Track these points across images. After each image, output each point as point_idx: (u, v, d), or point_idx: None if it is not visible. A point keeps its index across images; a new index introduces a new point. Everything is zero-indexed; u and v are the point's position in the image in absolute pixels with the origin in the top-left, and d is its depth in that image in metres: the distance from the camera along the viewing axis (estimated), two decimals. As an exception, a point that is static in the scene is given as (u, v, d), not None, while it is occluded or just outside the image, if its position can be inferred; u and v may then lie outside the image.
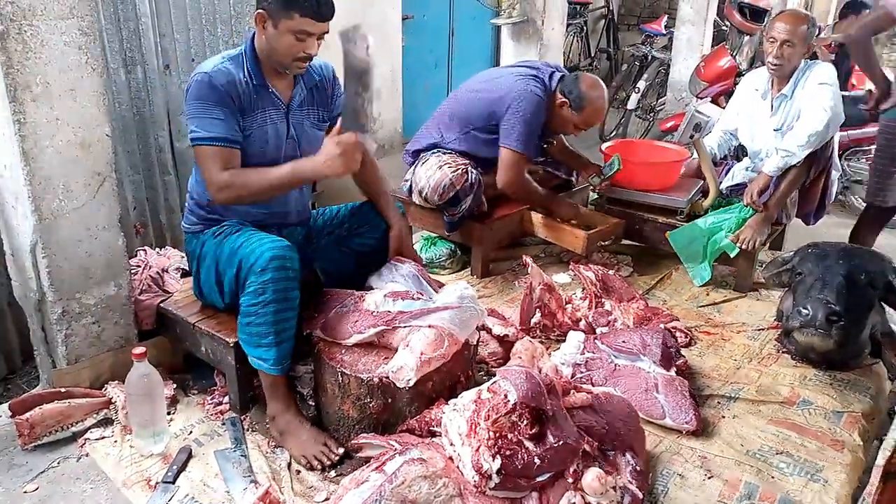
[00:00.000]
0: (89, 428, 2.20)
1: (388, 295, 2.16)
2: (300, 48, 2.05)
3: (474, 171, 3.05)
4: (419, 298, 2.14)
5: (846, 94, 4.56)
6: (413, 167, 3.22)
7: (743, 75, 4.50)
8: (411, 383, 1.95)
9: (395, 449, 1.84)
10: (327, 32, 2.10)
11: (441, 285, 2.34)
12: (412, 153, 3.31)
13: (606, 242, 3.27)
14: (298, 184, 2.16)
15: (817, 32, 5.65)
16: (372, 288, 2.30)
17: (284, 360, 2.09)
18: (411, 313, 2.08)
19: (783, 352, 2.70)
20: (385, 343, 2.10)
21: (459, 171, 3.01)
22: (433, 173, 3.05)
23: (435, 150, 3.20)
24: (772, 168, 3.08)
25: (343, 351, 2.09)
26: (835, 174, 3.32)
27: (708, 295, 3.21)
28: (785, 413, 2.34)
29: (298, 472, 2.05)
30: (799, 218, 3.46)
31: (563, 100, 3.10)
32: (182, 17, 3.04)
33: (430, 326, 2.03)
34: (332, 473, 2.03)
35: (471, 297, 2.19)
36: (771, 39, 3.08)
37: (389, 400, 2.02)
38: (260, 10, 2.04)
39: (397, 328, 2.07)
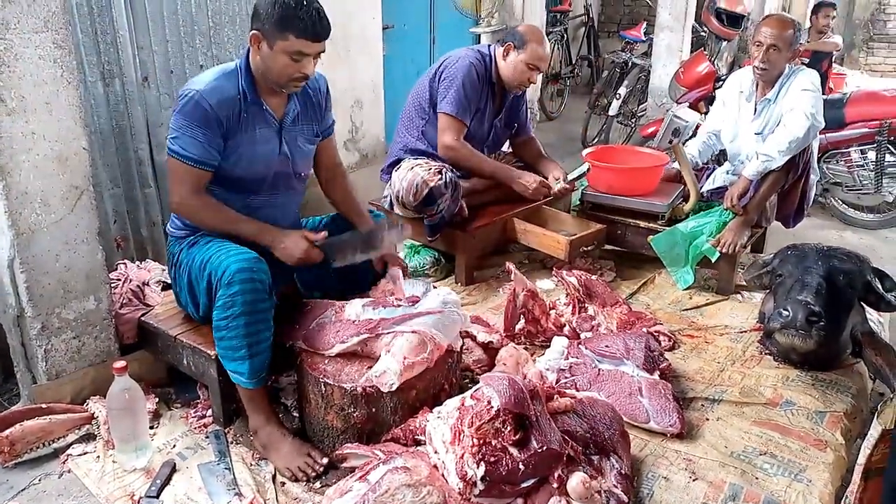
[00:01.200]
0: (71, 444, 2.18)
1: (368, 304, 2.16)
2: (296, 69, 2.04)
3: (450, 172, 3.06)
4: (399, 305, 2.14)
5: (824, 97, 4.63)
6: (390, 180, 3.24)
7: (721, 80, 4.56)
8: (394, 387, 1.96)
9: (379, 458, 1.83)
10: (323, 52, 2.09)
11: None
12: (386, 170, 3.33)
13: (589, 248, 3.29)
14: (249, 239, 2.15)
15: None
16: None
17: (259, 372, 2.07)
18: (393, 319, 2.08)
19: (766, 353, 2.72)
20: (368, 352, 2.09)
21: (433, 170, 3.03)
22: (405, 174, 3.06)
23: (406, 157, 3.22)
24: (751, 172, 3.11)
25: (326, 361, 2.08)
26: (813, 178, 3.36)
27: (691, 298, 3.22)
28: (768, 414, 2.35)
29: (283, 483, 2.03)
30: (779, 221, 3.50)
31: (507, 44, 3.18)
32: (160, 29, 3.04)
33: (413, 332, 2.03)
34: (317, 485, 2.02)
35: (454, 303, 2.19)
36: (757, 43, 3.11)
37: (373, 409, 2.01)
38: (254, 31, 2.03)
39: (380, 335, 2.06)
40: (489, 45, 3.32)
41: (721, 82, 4.47)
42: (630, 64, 6.44)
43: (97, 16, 2.81)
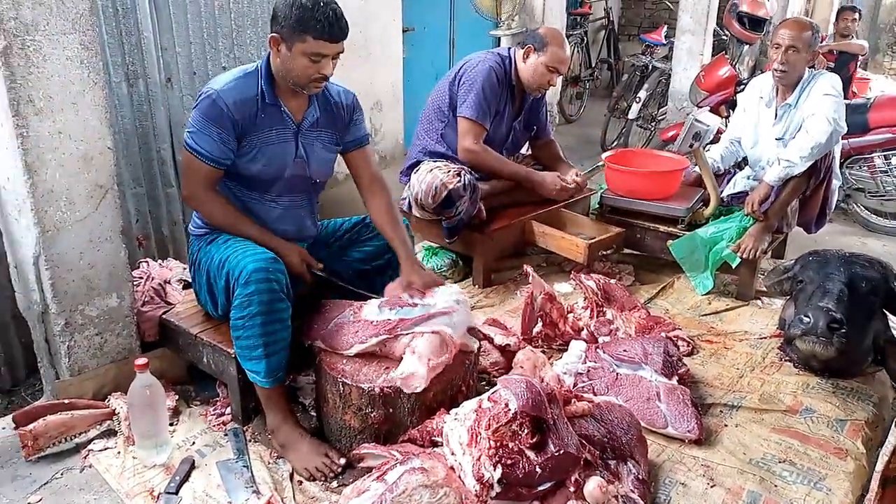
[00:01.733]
0: (92, 439, 2.20)
1: (384, 304, 2.17)
2: (315, 69, 2.05)
3: (468, 175, 3.07)
4: (415, 305, 2.15)
5: (848, 101, 4.59)
6: (409, 182, 3.25)
7: (743, 84, 4.52)
8: (419, 390, 1.97)
9: (397, 458, 1.84)
10: (342, 52, 2.09)
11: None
12: (406, 172, 3.34)
13: (608, 252, 3.27)
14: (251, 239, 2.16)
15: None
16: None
17: (276, 372, 2.09)
18: (412, 320, 2.09)
19: (786, 360, 2.70)
20: (387, 352, 2.10)
21: (451, 172, 3.03)
22: (424, 176, 3.07)
23: (426, 159, 3.23)
24: (773, 178, 3.08)
25: (344, 361, 2.09)
26: (836, 183, 3.33)
27: (710, 304, 3.20)
28: (788, 421, 2.33)
29: (300, 482, 2.05)
30: (800, 226, 3.46)
31: (527, 47, 3.19)
32: (184, 31, 3.07)
33: (433, 332, 2.05)
34: (335, 484, 2.03)
35: (464, 301, 2.21)
36: (776, 46, 3.10)
37: (391, 410, 2.02)
38: (273, 34, 2.05)
39: (399, 336, 2.08)
40: (509, 48, 3.33)
41: (742, 86, 4.43)
42: (650, 67, 6.41)
43: (122, 17, 2.85)
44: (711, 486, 2.03)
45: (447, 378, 2.06)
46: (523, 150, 3.71)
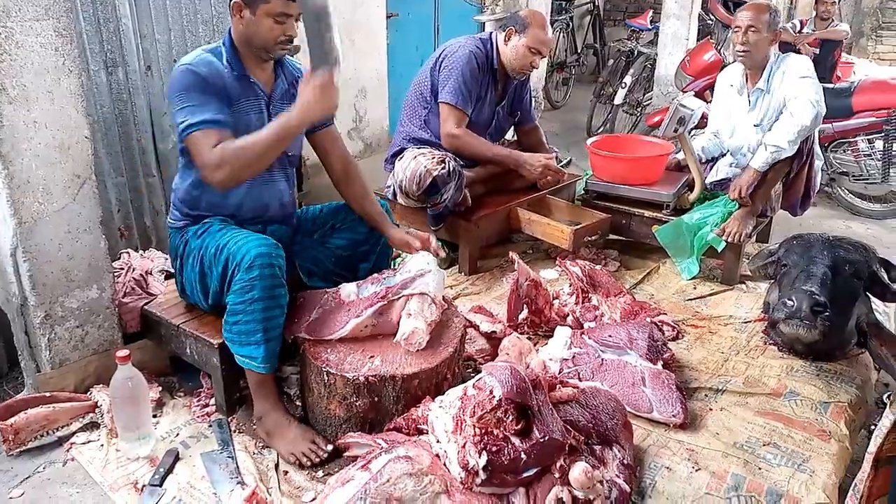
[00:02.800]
0: (75, 432, 2.18)
1: (361, 283, 2.25)
2: (280, 31, 2.06)
3: (453, 161, 3.05)
4: (387, 276, 2.25)
5: (831, 86, 4.60)
6: (393, 169, 3.23)
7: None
8: (423, 345, 2.07)
9: (382, 447, 1.83)
10: None
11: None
12: (390, 159, 3.32)
13: (593, 238, 3.27)
14: (288, 137, 2.07)
15: (800, 27, 5.68)
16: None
17: (272, 358, 2.08)
18: (397, 285, 2.16)
19: (770, 344, 2.71)
20: (383, 322, 2.15)
21: (436, 159, 3.02)
22: (408, 163, 3.06)
23: (410, 146, 3.21)
24: (759, 163, 3.09)
25: (328, 350, 2.08)
26: (818, 163, 3.34)
27: (695, 288, 3.21)
28: (772, 404, 2.34)
29: (286, 472, 2.04)
30: (785, 210, 3.48)
31: (508, 29, 3.17)
32: (163, 17, 3.02)
33: (421, 294, 2.13)
34: (320, 473, 2.02)
35: (433, 261, 2.29)
36: (736, 28, 3.19)
37: (376, 398, 2.01)
38: (236, 0, 2.04)
39: (393, 302, 2.13)
40: (490, 32, 3.30)
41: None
42: (636, 52, 6.39)
43: (100, 4, 2.80)
44: (696, 470, 2.04)
45: (432, 367, 2.05)
46: (508, 136, 3.69)
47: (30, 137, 2.00)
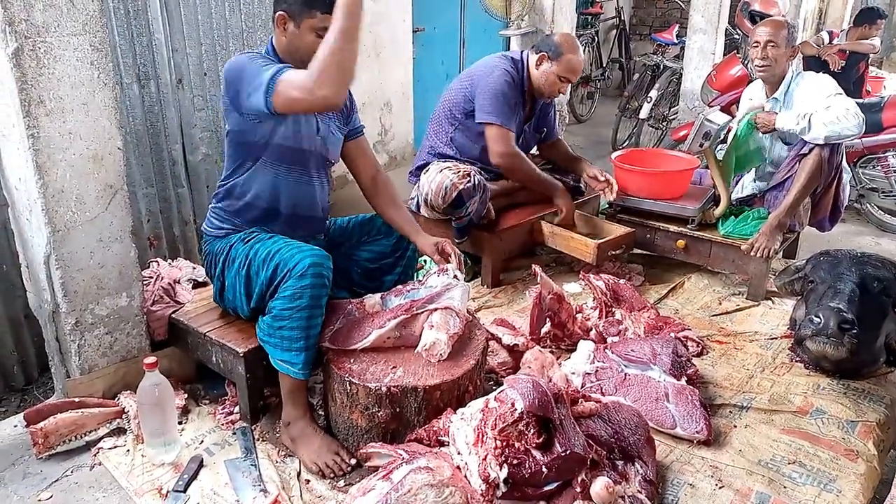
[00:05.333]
0: (102, 437, 2.22)
1: (386, 294, 2.28)
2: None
3: (478, 175, 3.07)
4: (412, 289, 2.27)
5: (861, 101, 4.54)
6: (417, 182, 3.25)
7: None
8: (444, 356, 2.07)
9: (403, 458, 1.84)
10: None
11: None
12: (415, 172, 3.35)
13: (617, 252, 3.27)
14: (354, 14, 1.87)
15: (828, 39, 5.63)
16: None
17: (310, 364, 2.11)
18: (423, 300, 2.17)
19: (796, 361, 2.68)
20: (406, 334, 2.16)
21: (461, 172, 3.04)
22: (434, 177, 3.08)
23: (434, 160, 3.23)
24: (786, 123, 3.07)
25: (351, 360, 2.10)
26: (846, 177, 3.31)
27: (720, 304, 3.19)
28: (798, 422, 2.31)
29: (308, 481, 2.05)
30: (813, 227, 3.43)
31: (541, 54, 3.18)
32: (194, 32, 3.09)
33: (445, 308, 2.14)
34: (341, 483, 2.03)
35: (460, 276, 2.31)
36: (755, 44, 3.23)
37: (397, 409, 2.02)
38: (281, 12, 2.10)
39: (417, 315, 2.14)
40: (522, 52, 3.32)
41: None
42: (662, 67, 6.38)
43: (133, 19, 2.87)
44: (720, 488, 2.02)
45: (454, 378, 2.06)
46: (532, 152, 3.71)
47: (65, 148, 2.06)
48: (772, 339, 2.86)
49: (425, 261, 3.23)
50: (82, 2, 2.00)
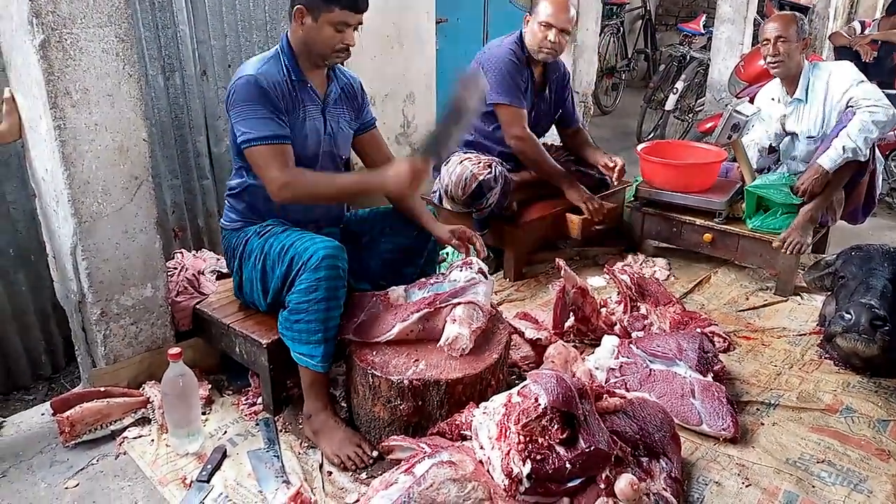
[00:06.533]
0: (127, 427, 2.24)
1: (409, 287, 2.28)
2: (339, 39, 2.12)
3: (499, 166, 3.05)
4: (436, 283, 2.26)
5: (892, 92, 4.44)
6: (439, 175, 3.23)
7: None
8: (467, 351, 2.06)
9: (425, 451, 1.83)
10: (362, 24, 2.17)
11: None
12: (436, 164, 3.32)
13: (601, 227, 3.25)
14: (363, 195, 2.17)
15: (860, 29, 5.51)
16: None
17: (329, 357, 2.11)
18: (446, 293, 2.16)
19: (825, 358, 2.62)
20: (429, 327, 2.14)
21: (482, 163, 3.02)
22: (454, 168, 3.06)
23: (456, 150, 3.21)
24: (829, 162, 2.95)
25: (374, 353, 2.09)
26: (878, 167, 3.24)
27: (747, 299, 3.14)
28: (827, 421, 2.27)
29: (330, 473, 2.05)
30: (844, 219, 3.36)
31: (525, 16, 3.17)
32: (219, 23, 3.09)
33: (468, 302, 2.13)
34: (364, 475, 2.03)
35: (484, 270, 2.30)
36: (765, 41, 3.15)
37: (420, 402, 2.01)
38: (299, 6, 2.10)
39: (440, 308, 2.13)
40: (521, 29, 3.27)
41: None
42: (688, 57, 6.29)
43: (158, 11, 2.88)
44: (746, 486, 1.98)
45: (477, 372, 2.04)
46: (556, 142, 3.67)
47: (91, 140, 2.07)
48: (800, 335, 2.81)
49: (447, 253, 3.22)
50: (108, -7, 2.01)
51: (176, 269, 2.60)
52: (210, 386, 2.41)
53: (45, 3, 1.89)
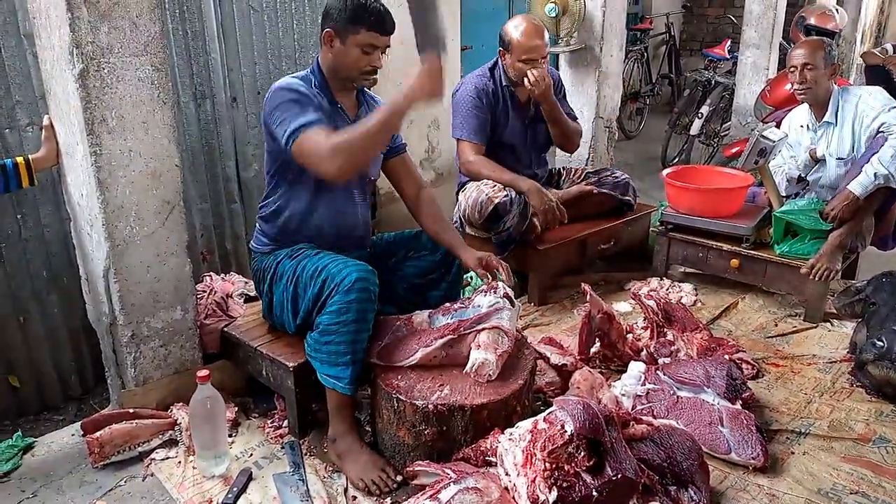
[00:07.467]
0: (155, 448, 2.26)
1: (433, 313, 2.27)
2: (367, 61, 2.18)
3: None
4: (460, 308, 2.25)
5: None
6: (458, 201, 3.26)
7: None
8: (493, 377, 2.05)
9: (450, 477, 1.82)
10: (389, 46, 2.22)
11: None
12: (458, 190, 3.36)
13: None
14: (396, 121, 2.08)
15: (892, 51, 5.46)
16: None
17: (356, 380, 2.12)
18: (471, 320, 2.15)
19: (857, 386, 2.58)
20: (453, 353, 2.14)
21: (497, 187, 3.04)
22: (471, 192, 3.10)
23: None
24: (860, 188, 2.90)
25: (399, 377, 2.10)
26: None
27: (776, 325, 3.09)
28: (859, 450, 2.22)
29: (354, 497, 2.05)
30: (874, 245, 3.31)
31: (500, 51, 3.18)
32: (249, 52, 3.17)
33: (493, 327, 2.12)
34: (388, 500, 2.03)
35: (509, 296, 2.27)
36: (792, 69, 3.13)
37: (444, 427, 2.01)
38: (328, 29, 2.16)
39: (464, 335, 2.13)
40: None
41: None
42: (713, 82, 6.28)
43: (191, 40, 2.96)
44: (777, 517, 1.95)
45: (502, 398, 2.04)
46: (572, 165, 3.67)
47: (125, 165, 2.12)
48: (831, 362, 2.76)
49: (471, 277, 3.22)
50: (144, 23, 2.07)
51: (205, 292, 2.63)
52: (237, 408, 2.43)
53: (86, 33, 1.95)
